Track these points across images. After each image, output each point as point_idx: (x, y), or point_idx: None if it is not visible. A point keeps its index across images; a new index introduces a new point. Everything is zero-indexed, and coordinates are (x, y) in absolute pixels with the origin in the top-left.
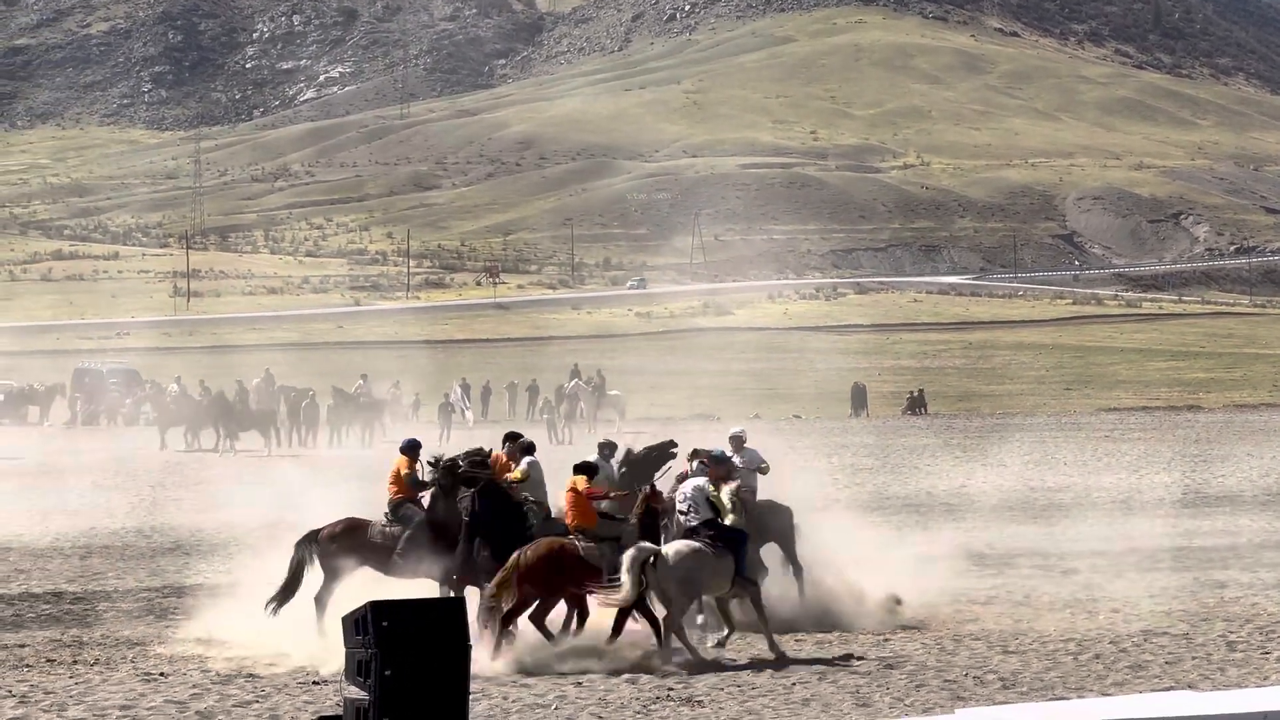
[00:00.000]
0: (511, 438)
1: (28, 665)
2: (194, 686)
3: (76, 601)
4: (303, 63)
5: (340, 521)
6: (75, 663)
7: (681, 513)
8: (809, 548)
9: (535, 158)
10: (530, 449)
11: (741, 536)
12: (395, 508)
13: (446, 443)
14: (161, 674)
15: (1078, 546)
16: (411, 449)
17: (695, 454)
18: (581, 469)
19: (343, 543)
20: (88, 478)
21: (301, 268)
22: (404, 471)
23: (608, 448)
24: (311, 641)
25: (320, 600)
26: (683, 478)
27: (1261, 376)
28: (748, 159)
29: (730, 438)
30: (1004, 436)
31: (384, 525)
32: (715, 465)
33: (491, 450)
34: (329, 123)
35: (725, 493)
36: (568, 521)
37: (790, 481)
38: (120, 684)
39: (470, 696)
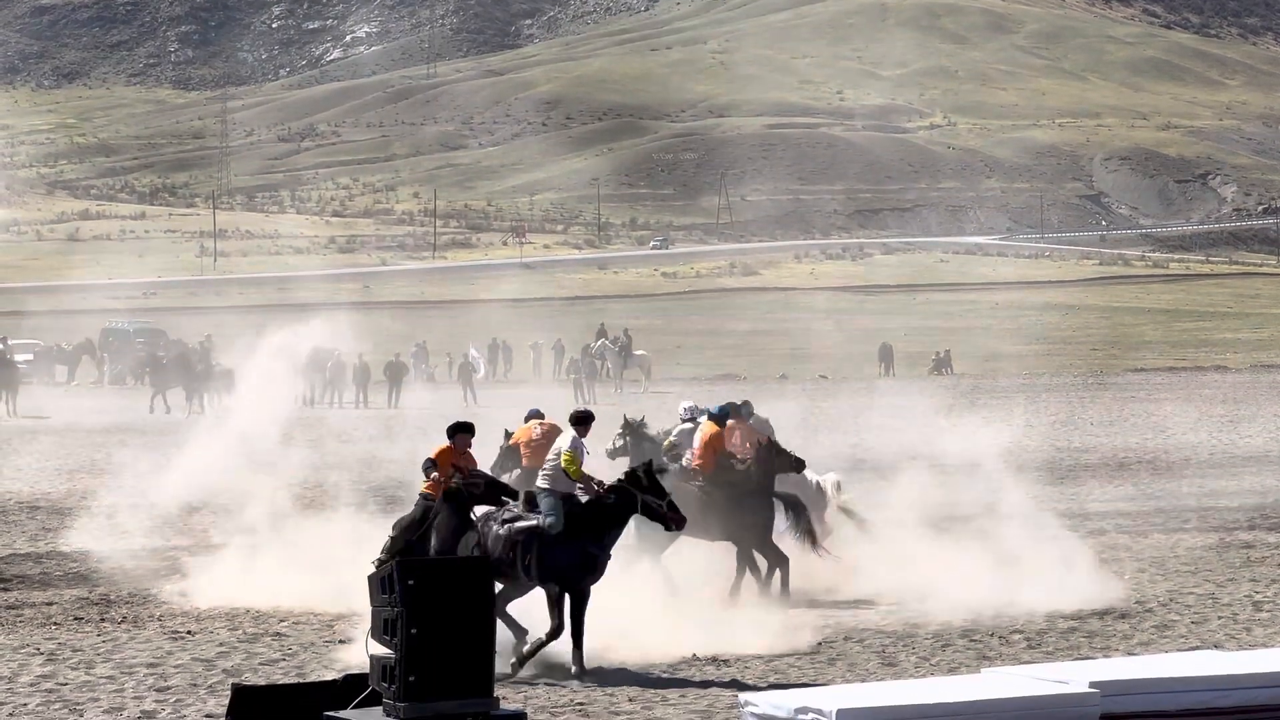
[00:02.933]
0: (534, 415)
1: (55, 623)
2: (220, 644)
3: (104, 560)
4: (329, 22)
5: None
6: (103, 620)
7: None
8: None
9: (562, 117)
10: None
11: None
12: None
13: (473, 404)
14: (189, 632)
15: (1104, 507)
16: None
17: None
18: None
19: None
20: (115, 437)
21: (328, 228)
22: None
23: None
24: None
25: None
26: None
27: None
28: (774, 119)
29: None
30: (1030, 397)
31: None
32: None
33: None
34: (355, 83)
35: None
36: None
37: (815, 441)
38: (147, 642)
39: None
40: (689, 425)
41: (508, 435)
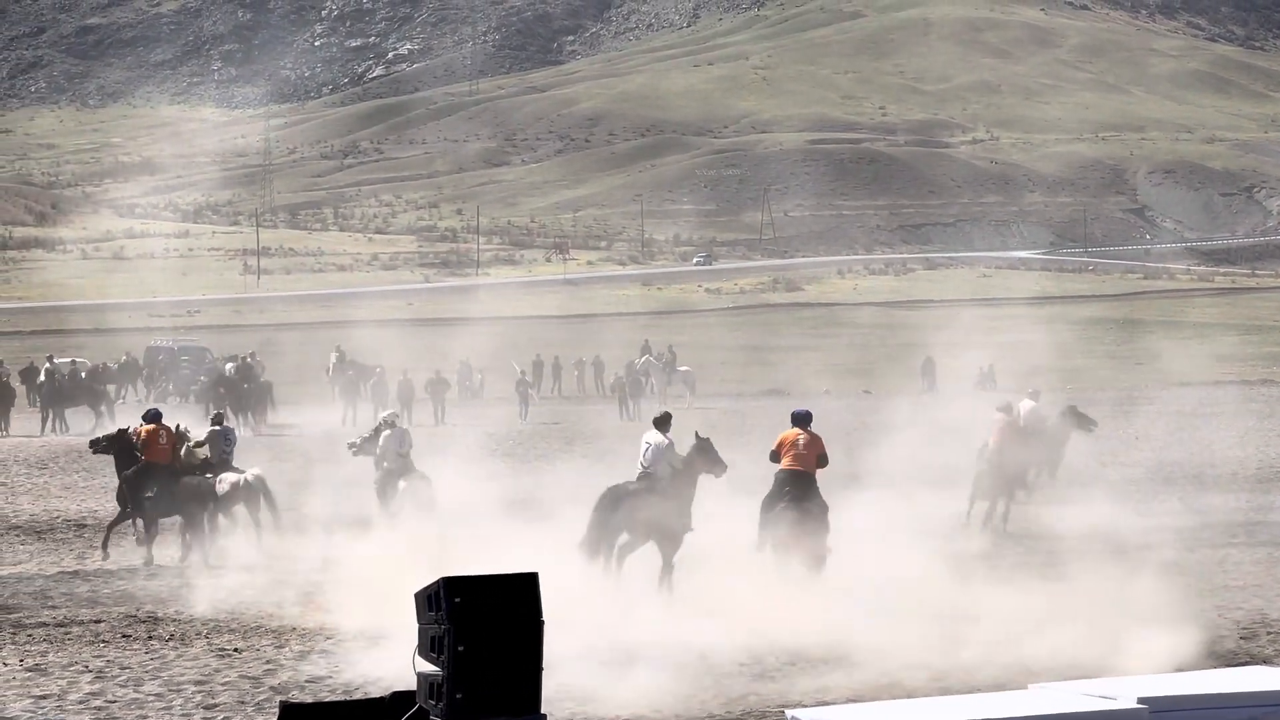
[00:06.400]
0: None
1: (104, 641)
2: (268, 662)
3: (151, 578)
4: (372, 40)
5: None
6: (150, 638)
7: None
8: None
9: (605, 134)
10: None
11: None
12: None
13: (525, 420)
14: (235, 649)
15: (1151, 522)
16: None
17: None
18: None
19: None
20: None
21: (371, 245)
22: None
23: (665, 421)
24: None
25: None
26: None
27: None
28: (817, 135)
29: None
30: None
31: None
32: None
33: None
34: (398, 99)
35: None
36: None
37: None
38: (195, 659)
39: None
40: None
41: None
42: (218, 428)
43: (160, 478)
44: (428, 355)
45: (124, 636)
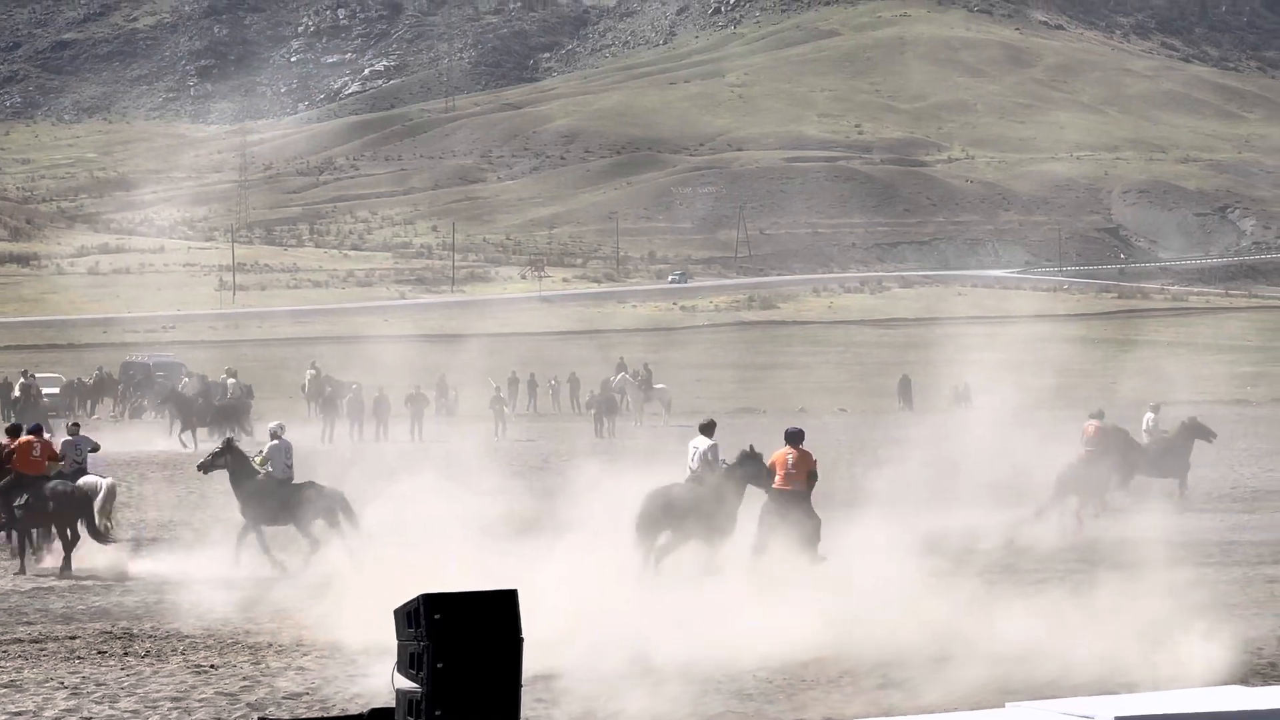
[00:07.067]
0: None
1: (79, 657)
2: (244, 679)
3: (126, 594)
4: (347, 56)
5: None
6: (126, 654)
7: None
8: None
9: (580, 151)
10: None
11: None
12: None
13: (501, 438)
14: (212, 666)
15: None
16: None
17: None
18: None
19: None
20: (136, 470)
21: (347, 261)
22: None
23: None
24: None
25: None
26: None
27: None
28: (792, 152)
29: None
30: (1052, 429)
31: None
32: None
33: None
34: (374, 116)
35: None
36: None
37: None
38: (171, 675)
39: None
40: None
41: None
42: (70, 438)
43: (32, 489)
44: (404, 372)
45: (100, 653)
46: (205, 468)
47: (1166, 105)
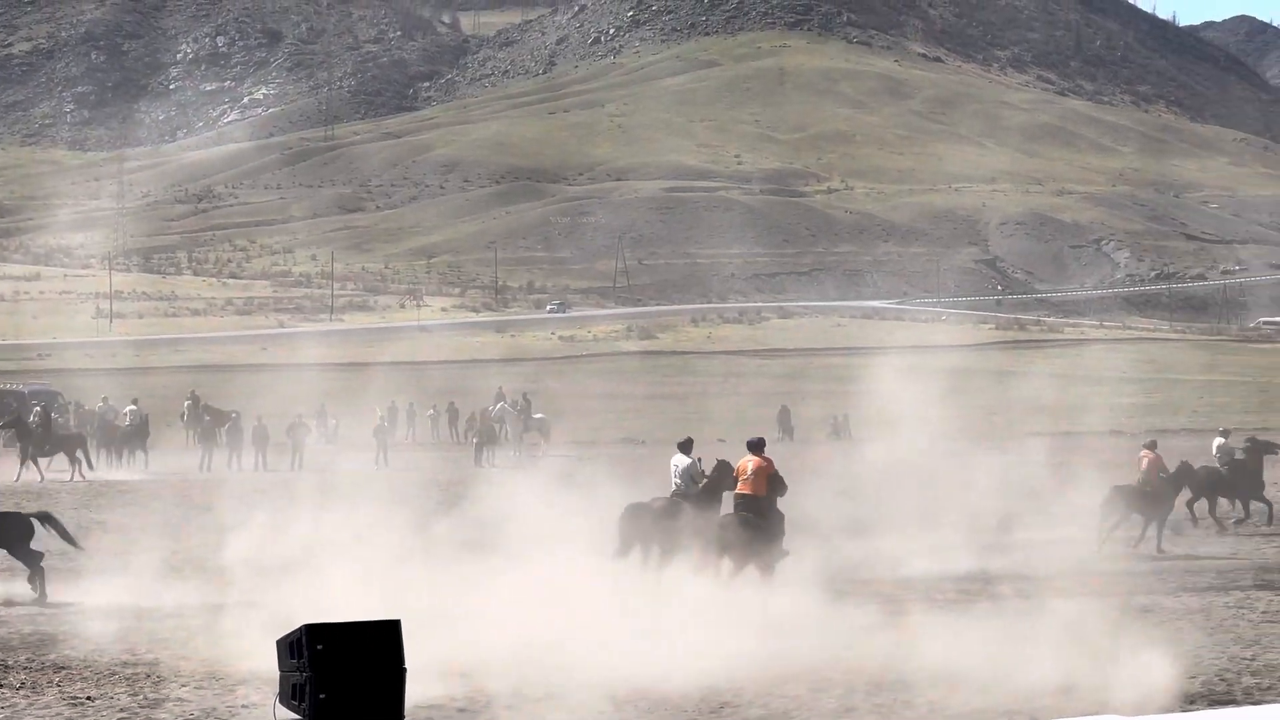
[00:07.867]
0: None
1: None
2: (121, 710)
3: (1, 625)
4: (227, 84)
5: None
6: (1, 687)
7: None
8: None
9: (459, 180)
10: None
11: None
12: None
13: (382, 465)
14: (89, 697)
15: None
16: None
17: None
18: None
19: None
20: (10, 499)
21: (225, 289)
22: None
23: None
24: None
25: None
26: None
27: (1181, 401)
28: (672, 182)
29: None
30: (939, 461)
31: None
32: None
33: None
34: (253, 144)
35: None
36: None
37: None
38: (46, 708)
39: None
40: None
41: None
42: None
43: None
44: (283, 400)
45: None
46: None
47: (1043, 138)
